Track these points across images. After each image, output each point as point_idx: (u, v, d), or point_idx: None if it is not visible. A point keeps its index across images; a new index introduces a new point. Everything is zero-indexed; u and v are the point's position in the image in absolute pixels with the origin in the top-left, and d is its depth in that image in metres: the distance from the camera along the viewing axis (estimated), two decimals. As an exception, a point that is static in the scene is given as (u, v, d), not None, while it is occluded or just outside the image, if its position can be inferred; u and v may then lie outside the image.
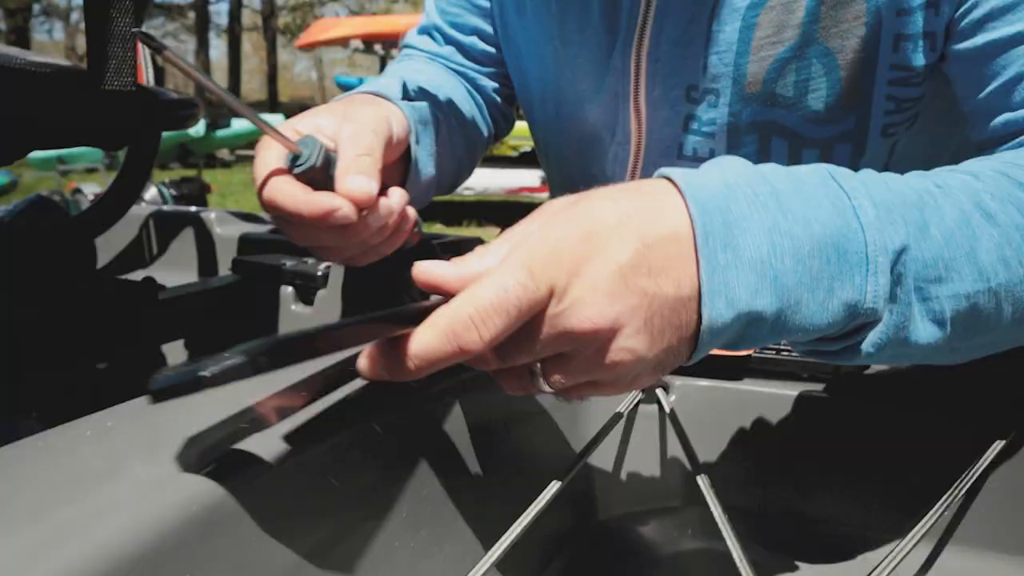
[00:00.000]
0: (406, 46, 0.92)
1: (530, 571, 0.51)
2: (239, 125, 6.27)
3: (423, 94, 0.74)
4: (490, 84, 0.89)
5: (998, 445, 0.50)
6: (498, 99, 0.90)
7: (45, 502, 0.28)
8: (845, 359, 0.43)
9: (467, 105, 0.83)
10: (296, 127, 0.58)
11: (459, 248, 0.87)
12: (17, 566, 0.25)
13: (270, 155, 0.55)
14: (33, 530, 0.27)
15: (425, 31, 0.91)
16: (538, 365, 0.39)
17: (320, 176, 0.54)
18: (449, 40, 0.88)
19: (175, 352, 0.69)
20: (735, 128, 0.68)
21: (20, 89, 0.54)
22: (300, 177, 0.53)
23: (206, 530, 0.30)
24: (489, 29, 0.85)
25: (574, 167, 0.84)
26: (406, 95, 0.70)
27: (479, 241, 0.92)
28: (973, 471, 0.49)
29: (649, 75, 0.69)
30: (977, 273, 0.42)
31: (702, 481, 0.48)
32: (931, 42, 0.60)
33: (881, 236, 0.40)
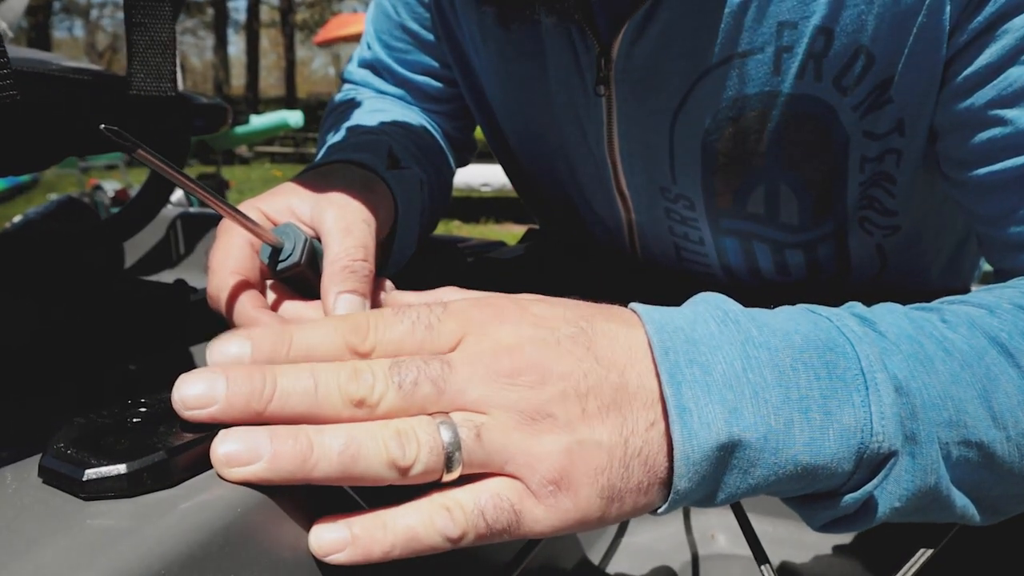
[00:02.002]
0: (348, 80, 0.86)
1: None
2: (257, 121, 6.30)
3: (409, 153, 0.66)
4: (449, 122, 0.84)
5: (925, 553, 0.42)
6: (458, 133, 0.85)
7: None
8: (860, 521, 0.35)
9: (441, 149, 0.78)
10: (264, 209, 0.49)
11: (482, 252, 0.87)
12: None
13: (234, 244, 0.47)
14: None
15: (367, 65, 0.83)
16: None
17: (303, 272, 0.46)
18: (399, 80, 0.81)
19: (204, 355, 0.70)
20: (716, 229, 0.66)
21: (58, 97, 0.54)
22: (279, 275, 0.46)
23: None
24: (438, 64, 0.80)
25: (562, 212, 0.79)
26: (391, 156, 0.61)
27: (501, 244, 0.92)
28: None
29: (625, 168, 0.66)
30: (991, 420, 0.36)
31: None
32: (897, 157, 0.57)
33: (874, 351, 0.34)
